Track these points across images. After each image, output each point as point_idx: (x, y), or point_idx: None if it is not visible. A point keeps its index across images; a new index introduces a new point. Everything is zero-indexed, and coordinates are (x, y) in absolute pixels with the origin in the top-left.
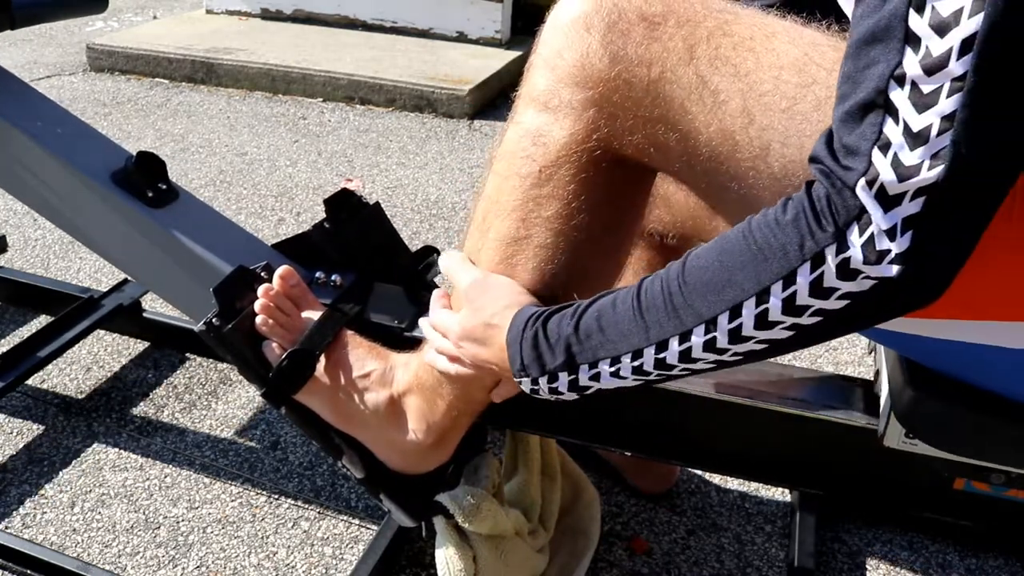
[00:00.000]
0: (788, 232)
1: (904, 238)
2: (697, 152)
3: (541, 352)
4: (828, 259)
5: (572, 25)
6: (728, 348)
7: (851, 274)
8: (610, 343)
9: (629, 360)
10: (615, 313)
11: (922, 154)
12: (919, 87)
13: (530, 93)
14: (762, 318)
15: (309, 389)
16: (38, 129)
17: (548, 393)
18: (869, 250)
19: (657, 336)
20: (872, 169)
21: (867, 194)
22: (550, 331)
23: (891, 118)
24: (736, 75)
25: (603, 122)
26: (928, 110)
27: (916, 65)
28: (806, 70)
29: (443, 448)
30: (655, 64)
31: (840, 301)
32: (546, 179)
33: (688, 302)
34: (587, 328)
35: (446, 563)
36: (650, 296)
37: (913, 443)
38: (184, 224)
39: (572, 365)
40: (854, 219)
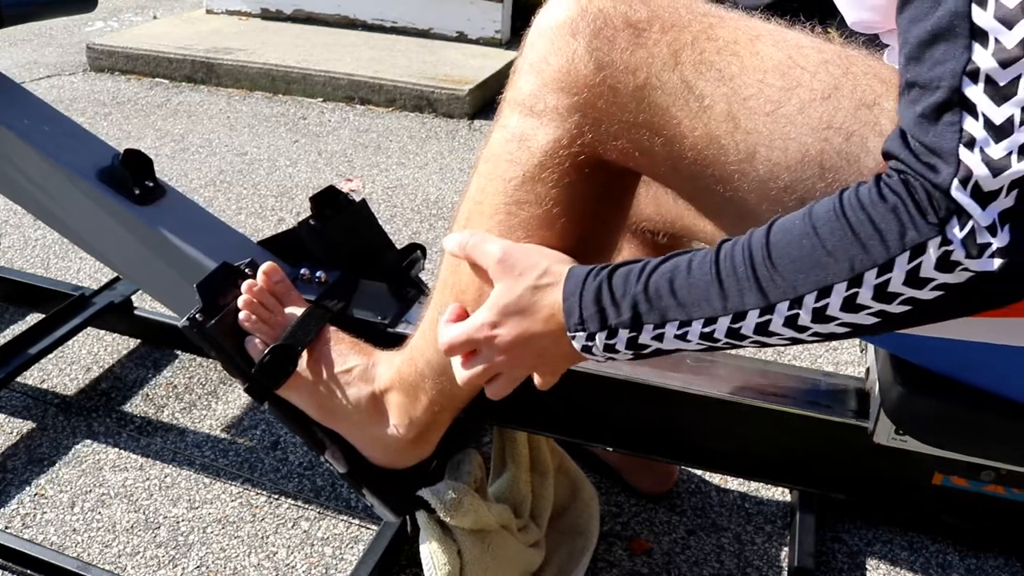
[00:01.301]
0: (887, 219)
1: (1004, 232)
2: (682, 156)
3: (604, 306)
4: (930, 251)
5: (558, 30)
6: (809, 327)
7: (950, 266)
8: (682, 307)
9: (700, 326)
10: (690, 276)
11: (1008, 146)
12: (995, 80)
13: (516, 97)
14: (850, 302)
15: (292, 384)
16: (25, 127)
17: (603, 351)
18: (971, 245)
19: (736, 306)
20: (963, 167)
21: (963, 193)
22: (615, 285)
23: (969, 115)
24: (721, 79)
25: (588, 127)
26: (1007, 102)
27: (989, 59)
28: (790, 73)
29: (425, 443)
30: (640, 70)
31: (934, 292)
32: (530, 182)
33: (773, 276)
34: (657, 288)
35: (430, 557)
36: (730, 265)
37: (903, 440)
38: (170, 221)
39: (637, 323)
40: (954, 214)
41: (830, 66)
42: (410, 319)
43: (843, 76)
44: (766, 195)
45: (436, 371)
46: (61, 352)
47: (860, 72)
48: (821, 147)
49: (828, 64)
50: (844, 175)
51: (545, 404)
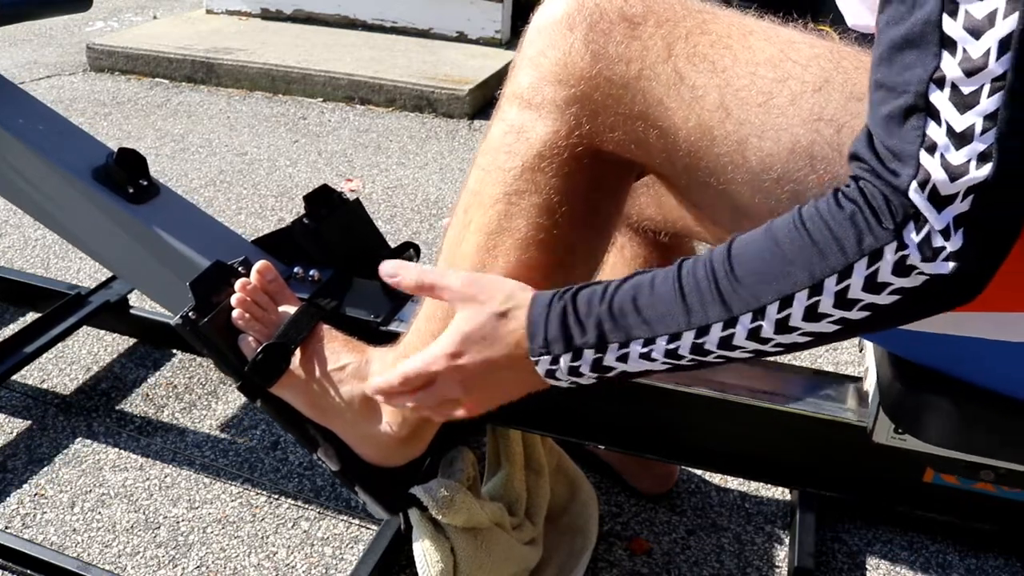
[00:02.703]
0: (845, 227)
1: (957, 236)
2: (676, 147)
3: (569, 327)
4: (887, 255)
5: (555, 25)
6: (772, 338)
7: (907, 270)
8: (647, 324)
9: (665, 343)
10: (653, 294)
11: (968, 153)
12: (959, 89)
13: (514, 91)
14: (812, 310)
15: (285, 382)
16: (19, 126)
17: (567, 374)
18: (926, 248)
19: (700, 321)
20: (923, 171)
21: (920, 196)
22: (580, 307)
23: (933, 120)
24: (713, 71)
25: (585, 119)
26: (970, 110)
27: (955, 67)
28: (782, 66)
29: (418, 441)
30: (635, 61)
31: (891, 296)
32: (529, 172)
33: (735, 288)
34: (621, 306)
35: (423, 555)
36: (692, 280)
37: (902, 438)
38: (164, 220)
39: (602, 344)
40: (910, 218)
41: (821, 60)
42: (403, 317)
43: (834, 70)
44: (759, 187)
45: None
46: (61, 352)
47: (851, 66)
48: (812, 138)
49: (819, 58)
50: (835, 166)
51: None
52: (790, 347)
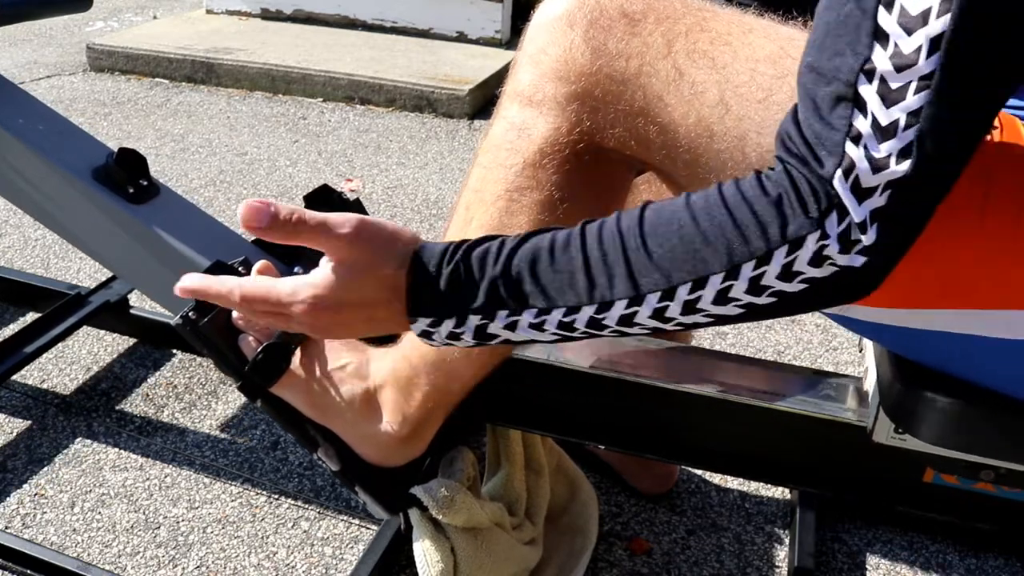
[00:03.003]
0: (770, 212)
1: (872, 230)
2: (676, 143)
3: (459, 290)
4: (807, 244)
5: (556, 22)
6: (675, 318)
7: (821, 261)
8: (544, 295)
9: (560, 315)
10: (554, 262)
11: (890, 148)
12: (888, 83)
13: (515, 88)
14: (723, 294)
15: (285, 382)
16: (19, 126)
17: (444, 337)
18: (844, 240)
19: (603, 296)
20: (847, 160)
21: (843, 186)
22: (472, 265)
23: (860, 112)
24: (713, 67)
25: (586, 115)
26: (895, 105)
27: (886, 61)
28: (781, 63)
29: (418, 441)
30: (634, 58)
31: (800, 285)
32: (530, 168)
33: (647, 266)
34: (519, 272)
35: (423, 555)
36: (599, 250)
37: (902, 438)
38: (164, 220)
39: (491, 311)
40: (834, 208)
41: None
42: None
43: None
44: None
45: (431, 367)
46: (61, 352)
47: None
48: None
49: None
50: None
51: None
52: (688, 326)
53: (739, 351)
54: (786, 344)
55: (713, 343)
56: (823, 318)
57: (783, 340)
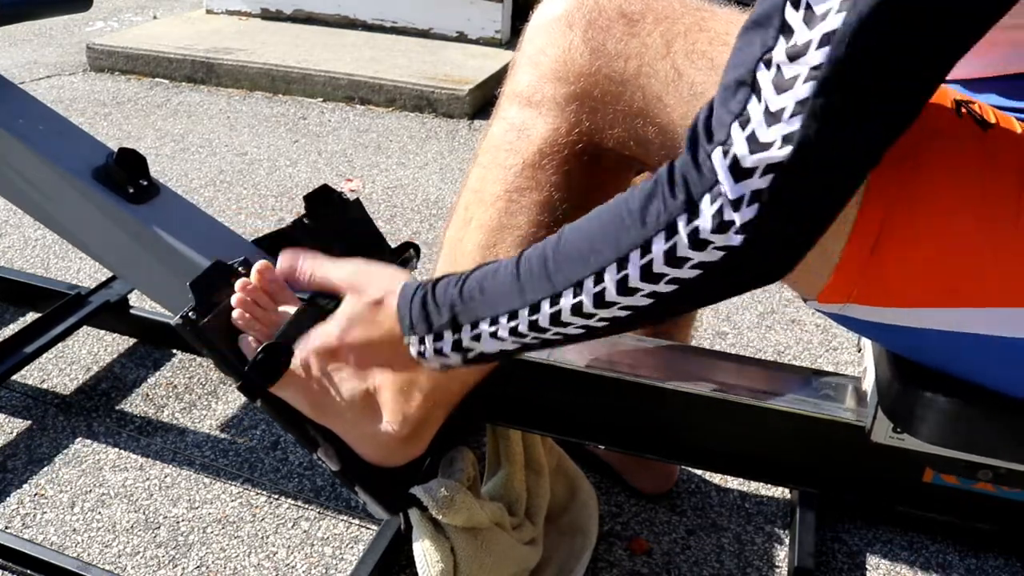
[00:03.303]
0: (646, 202)
1: (749, 209)
2: (675, 144)
3: (429, 312)
4: (680, 228)
5: (554, 23)
6: (594, 312)
7: (701, 244)
8: (488, 305)
9: (506, 321)
10: (495, 278)
11: (775, 133)
12: (782, 71)
13: (514, 89)
14: (623, 284)
15: (285, 382)
16: (19, 126)
17: (434, 355)
18: (717, 220)
19: (531, 299)
20: (729, 140)
21: (721, 163)
22: (438, 294)
23: (755, 96)
24: (712, 68)
25: (584, 116)
26: (785, 93)
27: (783, 51)
28: None
29: (418, 441)
30: (633, 58)
31: (693, 271)
32: (530, 169)
33: (559, 266)
34: (470, 291)
35: (423, 555)
36: (528, 262)
37: (900, 437)
38: (164, 220)
39: (456, 324)
40: (707, 189)
41: None
42: None
43: None
44: None
45: None
46: (61, 352)
47: None
48: None
49: None
50: None
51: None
52: (615, 322)
53: (739, 351)
54: (786, 344)
55: (713, 343)
56: (823, 318)
57: (783, 340)
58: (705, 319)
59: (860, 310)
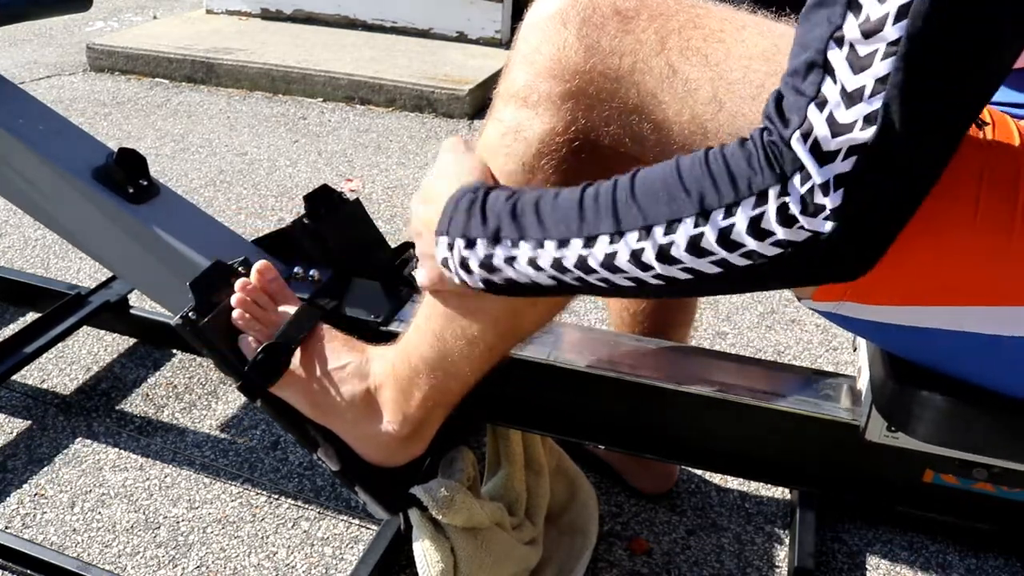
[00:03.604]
0: (741, 165)
1: (836, 195)
2: (671, 141)
3: (472, 215)
4: (771, 198)
5: (549, 21)
6: (653, 266)
7: (789, 220)
8: (540, 225)
9: (553, 248)
10: (555, 201)
11: (856, 113)
12: (856, 49)
13: (509, 89)
14: (695, 243)
15: (285, 382)
16: (19, 126)
17: (458, 264)
18: (808, 200)
19: (590, 230)
20: (807, 123)
21: (802, 147)
22: (490, 201)
23: (829, 77)
24: (706, 64)
25: (580, 114)
26: (863, 72)
27: (855, 28)
28: (775, 59)
29: (418, 440)
30: (628, 55)
31: (774, 248)
32: (529, 172)
33: (629, 203)
34: (523, 207)
35: (423, 555)
36: (594, 192)
37: (895, 436)
38: (164, 220)
39: (496, 238)
40: (797, 169)
41: None
42: (403, 317)
43: None
44: None
45: (430, 367)
46: (61, 352)
47: None
48: None
49: None
50: None
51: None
52: (670, 283)
53: (739, 351)
54: (786, 344)
55: (713, 343)
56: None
57: (783, 340)
58: (705, 319)
59: (854, 308)
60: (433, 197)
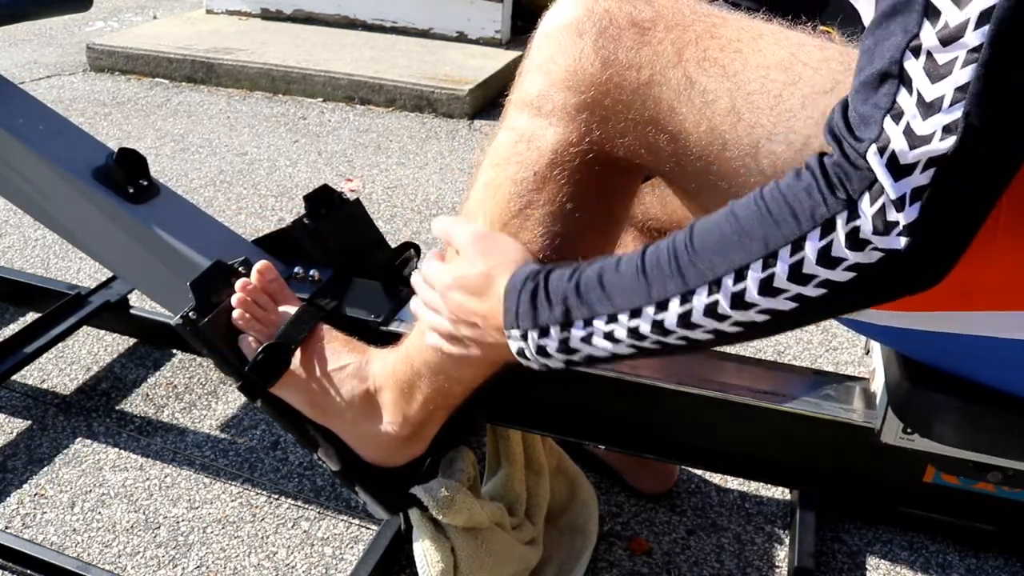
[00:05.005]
0: (800, 197)
1: (912, 209)
2: (687, 152)
3: (538, 304)
4: (839, 226)
5: (564, 31)
6: (729, 315)
7: (860, 244)
8: (609, 300)
9: (627, 319)
10: (617, 272)
11: (934, 124)
12: (934, 57)
13: (523, 98)
14: (767, 284)
15: (285, 382)
16: (19, 126)
17: (535, 353)
18: (879, 220)
19: (659, 295)
20: (884, 136)
21: (878, 161)
22: (551, 285)
23: (905, 88)
24: (724, 75)
25: (595, 125)
26: (942, 80)
27: (933, 36)
28: (792, 68)
29: (418, 441)
30: (645, 67)
31: (847, 273)
32: (541, 182)
33: (693, 262)
34: (587, 284)
35: (423, 555)
36: (655, 256)
37: (911, 438)
38: (164, 220)
39: (567, 320)
40: (866, 188)
41: (831, 62)
42: (403, 317)
43: (844, 72)
44: None
45: (432, 369)
46: (61, 352)
47: None
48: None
49: (830, 60)
50: None
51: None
52: (750, 328)
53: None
54: (786, 344)
55: None
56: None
57: (783, 340)
58: None
59: (872, 314)
60: (482, 289)
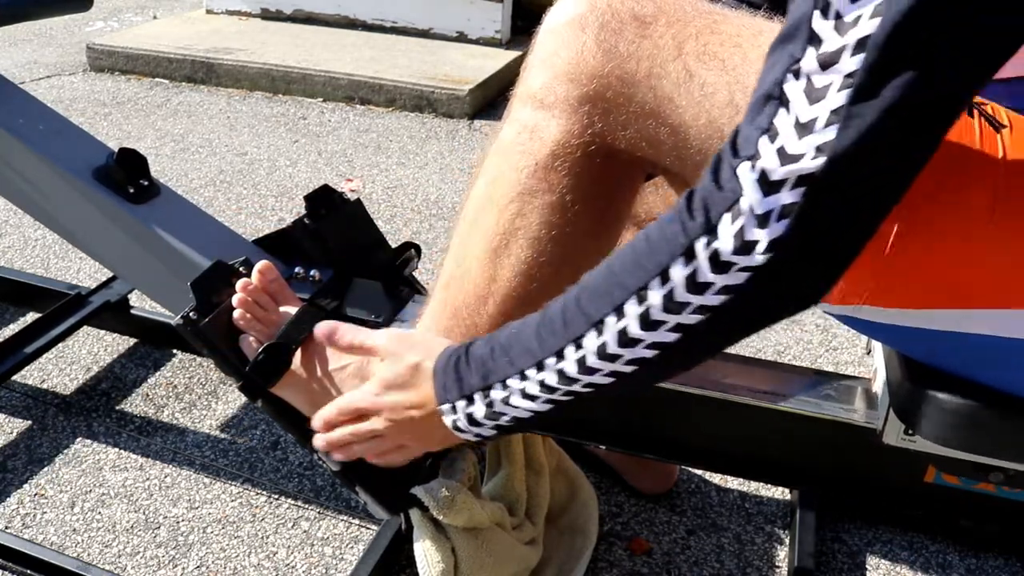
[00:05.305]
0: (665, 229)
1: (779, 225)
2: (687, 144)
3: (461, 373)
4: (698, 251)
5: (567, 26)
6: (619, 354)
7: (723, 266)
8: (515, 359)
9: (534, 373)
10: (520, 332)
11: (807, 144)
12: (812, 80)
13: (527, 92)
14: (645, 318)
15: (286, 382)
16: (19, 126)
17: (468, 423)
18: (737, 239)
19: (553, 346)
20: (757, 154)
21: (749, 176)
22: (472, 354)
23: (784, 108)
24: (723, 69)
25: (597, 117)
26: (818, 103)
27: (814, 60)
28: None
29: None
30: (645, 60)
31: (719, 296)
32: (542, 171)
33: (579, 308)
34: (501, 345)
35: (424, 555)
36: (550, 311)
37: (912, 439)
38: (165, 220)
39: (487, 384)
40: (726, 209)
41: None
42: (404, 318)
43: None
44: None
45: None
46: (61, 352)
47: None
48: None
49: None
50: None
51: None
52: (643, 365)
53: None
54: (786, 344)
55: None
56: (823, 318)
57: (783, 340)
58: None
59: (872, 312)
60: (412, 380)
